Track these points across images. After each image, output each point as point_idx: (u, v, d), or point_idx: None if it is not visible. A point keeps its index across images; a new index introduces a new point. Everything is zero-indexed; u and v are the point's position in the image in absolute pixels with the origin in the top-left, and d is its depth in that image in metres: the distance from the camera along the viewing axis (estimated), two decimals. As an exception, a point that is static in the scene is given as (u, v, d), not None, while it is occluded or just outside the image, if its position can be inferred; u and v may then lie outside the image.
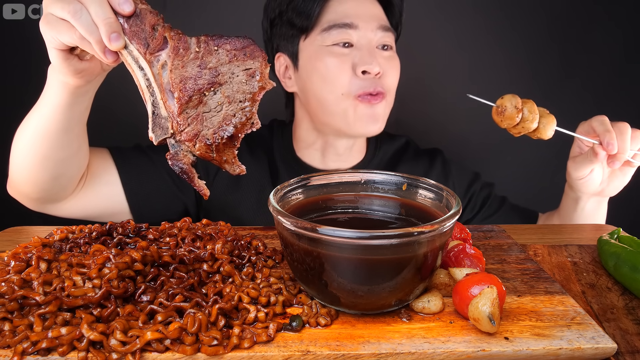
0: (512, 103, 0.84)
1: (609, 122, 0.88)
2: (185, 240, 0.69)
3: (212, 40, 0.60)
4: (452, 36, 1.67)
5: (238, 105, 0.60)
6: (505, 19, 1.64)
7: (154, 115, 0.61)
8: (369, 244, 0.50)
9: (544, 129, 0.87)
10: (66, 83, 0.74)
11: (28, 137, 0.83)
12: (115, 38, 0.59)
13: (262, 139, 1.19)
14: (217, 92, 0.60)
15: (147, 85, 0.61)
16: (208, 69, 0.60)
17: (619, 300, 0.64)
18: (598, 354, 0.50)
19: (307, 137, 1.15)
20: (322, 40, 1.03)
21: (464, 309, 0.54)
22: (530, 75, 1.67)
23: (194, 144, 0.60)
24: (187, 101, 0.59)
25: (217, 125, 0.60)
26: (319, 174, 0.69)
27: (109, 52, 0.61)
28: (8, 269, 0.60)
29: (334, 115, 1.04)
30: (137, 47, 0.60)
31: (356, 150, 1.17)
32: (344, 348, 0.50)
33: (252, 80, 0.60)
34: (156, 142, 0.61)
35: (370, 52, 1.01)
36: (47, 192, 0.90)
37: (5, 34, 1.47)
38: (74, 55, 0.69)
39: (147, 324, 0.51)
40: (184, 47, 0.60)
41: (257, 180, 1.13)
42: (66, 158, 0.86)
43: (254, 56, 0.61)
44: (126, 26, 0.60)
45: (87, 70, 0.72)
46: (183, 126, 0.60)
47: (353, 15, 1.01)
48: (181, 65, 0.59)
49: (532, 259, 0.74)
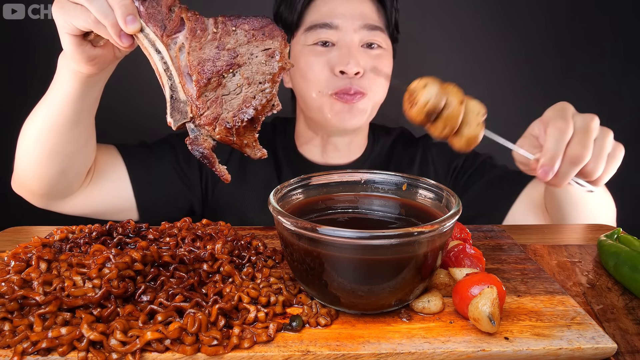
0: (429, 89, 0.61)
1: (564, 136, 0.62)
2: (185, 240, 0.69)
3: (230, 20, 0.59)
4: (452, 36, 1.67)
5: (258, 87, 0.59)
6: (506, 19, 1.65)
7: (172, 99, 0.59)
8: (369, 244, 0.50)
9: (471, 128, 0.62)
10: (78, 71, 0.73)
11: (36, 131, 0.83)
12: (131, 21, 0.58)
13: (266, 137, 1.20)
14: (236, 73, 0.59)
15: (164, 69, 0.59)
16: (226, 50, 0.58)
17: (619, 300, 0.64)
18: (598, 354, 0.50)
19: (305, 133, 1.16)
20: (305, 39, 1.04)
21: (464, 309, 0.54)
22: (530, 75, 1.67)
23: (213, 127, 0.58)
24: (206, 84, 0.58)
25: (237, 107, 0.59)
26: (319, 174, 0.69)
27: (124, 36, 0.60)
28: (8, 269, 0.60)
29: (314, 111, 1.07)
30: (153, 30, 0.59)
31: (356, 146, 1.17)
32: (344, 348, 0.50)
33: (272, 60, 0.59)
34: (175, 127, 0.60)
35: (350, 52, 1.00)
36: (54, 187, 0.89)
37: (5, 34, 1.47)
38: (87, 41, 0.68)
39: (147, 324, 0.51)
40: (201, 29, 0.58)
41: (263, 176, 1.14)
42: (73, 152, 0.86)
43: (273, 36, 0.59)
44: (142, 9, 0.59)
45: (100, 57, 0.71)
46: (202, 110, 0.58)
47: (335, 15, 1.02)
48: (199, 47, 0.58)
49: (532, 259, 0.74)
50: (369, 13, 1.05)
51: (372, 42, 1.04)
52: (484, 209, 1.09)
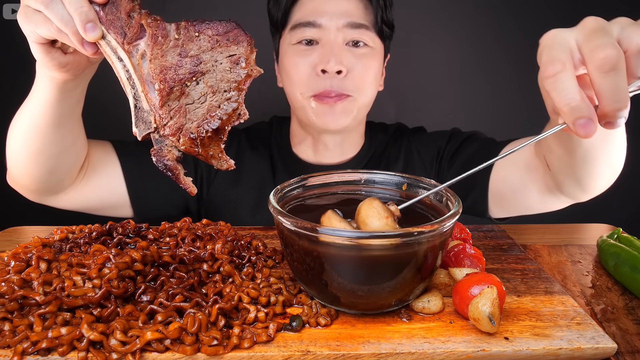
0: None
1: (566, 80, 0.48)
2: (185, 240, 0.69)
3: (193, 25, 0.56)
4: (452, 37, 1.67)
5: (223, 96, 0.56)
6: (506, 19, 1.65)
7: (137, 108, 0.57)
8: (369, 244, 0.50)
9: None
10: (53, 77, 0.71)
11: (20, 133, 0.82)
12: (90, 28, 0.55)
13: (263, 135, 1.20)
14: (199, 82, 0.56)
15: (127, 77, 0.57)
16: (189, 57, 0.56)
17: (619, 300, 0.64)
18: (598, 354, 0.50)
19: (298, 133, 1.16)
20: (289, 38, 1.04)
21: (464, 309, 0.54)
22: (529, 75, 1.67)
23: (177, 138, 0.56)
24: (169, 93, 0.55)
25: (201, 117, 0.56)
26: (319, 174, 0.69)
27: (87, 44, 0.58)
28: (8, 269, 0.60)
29: (299, 111, 1.07)
30: (114, 37, 0.56)
31: (349, 145, 1.16)
32: (344, 348, 0.50)
33: (237, 67, 0.56)
34: (140, 137, 0.58)
35: (332, 50, 1.00)
36: (44, 184, 0.89)
37: (6, 34, 1.47)
38: (56, 49, 0.66)
39: (147, 324, 0.51)
40: (162, 35, 0.56)
41: (258, 176, 1.14)
42: (60, 152, 0.85)
43: (238, 41, 0.56)
44: (102, 14, 0.56)
45: (73, 63, 0.69)
46: (166, 119, 0.56)
47: (318, 13, 1.01)
48: (160, 54, 0.55)
49: (532, 259, 0.74)
50: (354, 11, 1.03)
51: (358, 40, 1.03)
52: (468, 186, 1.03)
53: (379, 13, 1.06)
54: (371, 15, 1.06)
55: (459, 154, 1.10)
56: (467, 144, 1.10)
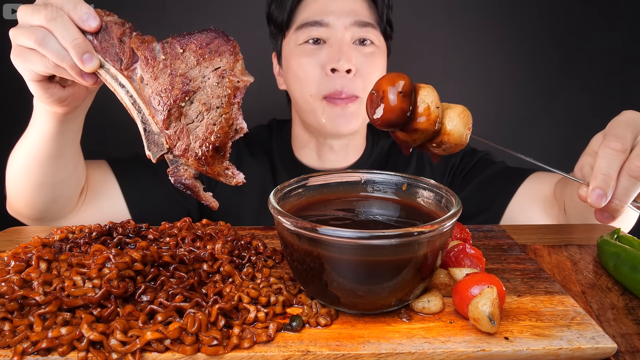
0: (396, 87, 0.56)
1: (617, 156, 0.57)
2: (185, 240, 0.69)
3: (177, 41, 0.55)
4: (453, 37, 1.67)
5: (217, 112, 0.54)
6: (506, 20, 1.65)
7: (146, 132, 0.56)
8: (369, 244, 0.50)
9: (454, 129, 0.59)
10: (53, 112, 0.70)
11: (20, 164, 0.81)
12: (88, 59, 0.55)
13: (262, 140, 1.19)
14: (193, 100, 0.55)
15: (132, 103, 0.56)
16: (179, 76, 0.54)
17: (619, 300, 0.64)
18: (598, 354, 0.50)
19: (301, 136, 1.15)
20: (296, 38, 1.03)
21: (464, 309, 0.54)
22: (530, 76, 1.67)
23: (187, 158, 0.55)
24: (168, 115, 0.54)
25: (202, 136, 0.55)
26: (318, 174, 0.69)
27: (86, 75, 0.57)
28: (8, 269, 0.60)
29: (307, 114, 1.05)
30: (112, 64, 0.55)
31: (353, 148, 1.16)
32: (344, 348, 0.50)
33: (223, 81, 0.54)
34: (154, 159, 0.57)
35: (341, 49, 0.99)
36: (46, 213, 0.89)
37: (6, 34, 1.47)
38: (54, 84, 0.65)
39: (147, 324, 0.51)
40: (151, 57, 0.54)
41: (259, 182, 1.13)
42: (62, 181, 0.84)
43: (220, 52, 0.54)
44: (96, 42, 0.55)
45: (72, 96, 0.68)
46: (174, 141, 0.55)
47: (326, 12, 1.01)
48: (153, 77, 0.54)
49: (532, 259, 0.74)
50: (360, 10, 1.04)
51: (364, 38, 1.03)
52: (482, 205, 1.07)
53: (384, 12, 1.07)
54: (376, 14, 1.06)
55: (474, 173, 1.13)
56: (482, 165, 1.13)
